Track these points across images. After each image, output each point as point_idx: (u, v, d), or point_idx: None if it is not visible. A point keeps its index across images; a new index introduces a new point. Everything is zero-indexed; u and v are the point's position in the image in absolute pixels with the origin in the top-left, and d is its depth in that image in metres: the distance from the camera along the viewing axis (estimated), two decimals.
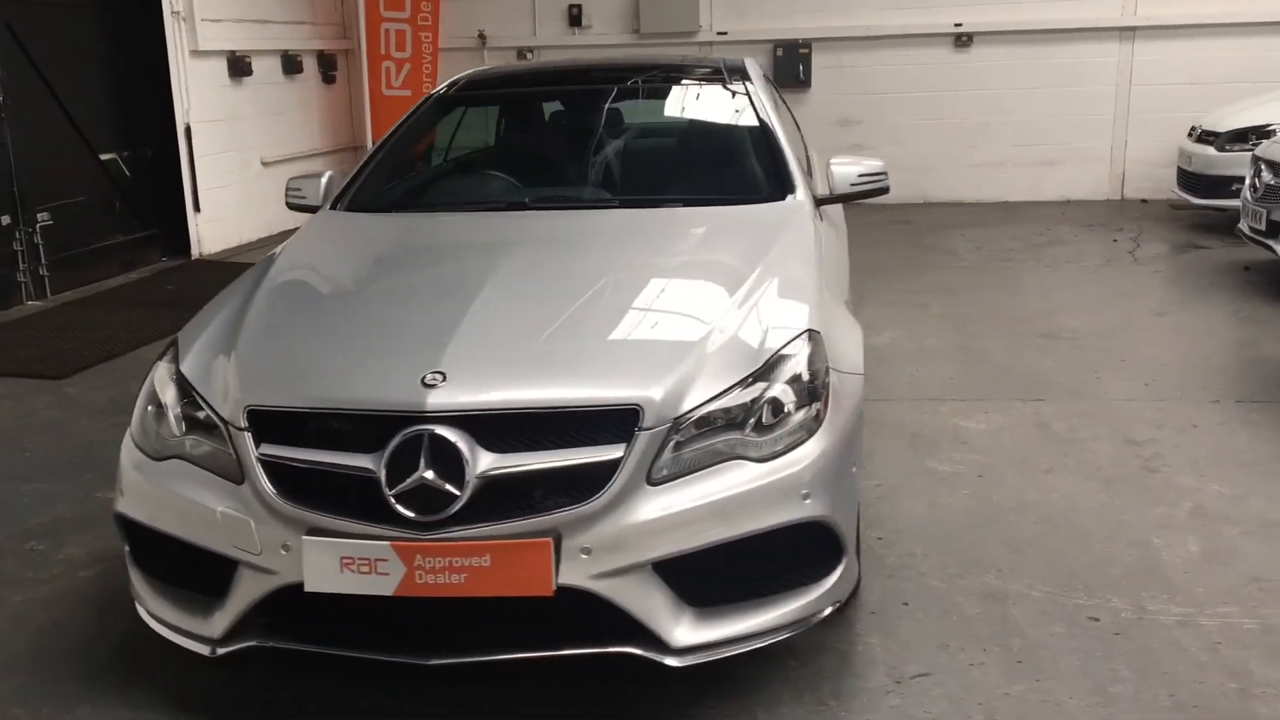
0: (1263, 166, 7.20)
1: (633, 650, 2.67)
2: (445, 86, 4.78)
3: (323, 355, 2.95)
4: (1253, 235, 7.30)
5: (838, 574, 2.87)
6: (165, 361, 3.13)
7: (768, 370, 2.85)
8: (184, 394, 2.97)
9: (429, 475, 2.58)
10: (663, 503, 2.65)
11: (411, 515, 2.58)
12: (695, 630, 2.70)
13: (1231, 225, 8.08)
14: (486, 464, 2.60)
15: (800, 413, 2.84)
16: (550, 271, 3.39)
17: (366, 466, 2.63)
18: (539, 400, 2.68)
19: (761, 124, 4.26)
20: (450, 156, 5.04)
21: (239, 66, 9.76)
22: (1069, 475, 4.32)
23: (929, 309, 7.05)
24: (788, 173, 4.05)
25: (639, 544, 2.63)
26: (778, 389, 2.83)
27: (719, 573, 2.75)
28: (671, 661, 2.67)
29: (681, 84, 4.65)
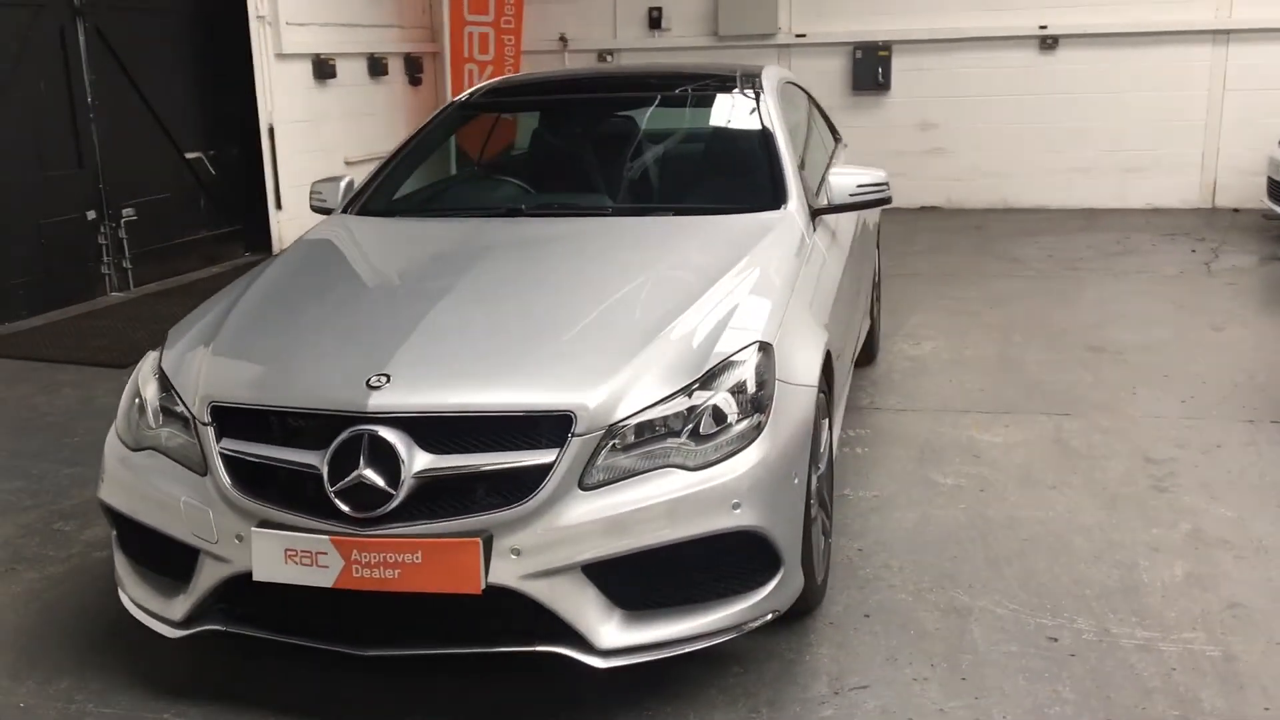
0: None
1: (560, 650, 2.75)
2: (466, 94, 4.93)
3: (284, 355, 3.09)
4: None
5: (774, 584, 2.91)
6: (153, 355, 3.32)
7: (711, 378, 2.90)
8: (163, 388, 3.15)
9: (367, 473, 2.70)
10: (593, 507, 2.72)
11: (350, 511, 2.71)
12: (623, 633, 2.77)
13: None
14: (423, 464, 2.71)
15: (743, 423, 2.88)
16: (519, 278, 3.48)
17: (312, 463, 2.76)
18: (475, 404, 2.78)
19: (763, 134, 4.29)
20: (462, 163, 5.19)
21: (323, 69, 10.08)
22: (1073, 492, 4.25)
23: (978, 317, 6.94)
24: (782, 183, 4.06)
25: (568, 546, 2.71)
26: (720, 398, 2.88)
27: (652, 577, 2.82)
28: (596, 662, 2.74)
29: (692, 94, 4.70)
